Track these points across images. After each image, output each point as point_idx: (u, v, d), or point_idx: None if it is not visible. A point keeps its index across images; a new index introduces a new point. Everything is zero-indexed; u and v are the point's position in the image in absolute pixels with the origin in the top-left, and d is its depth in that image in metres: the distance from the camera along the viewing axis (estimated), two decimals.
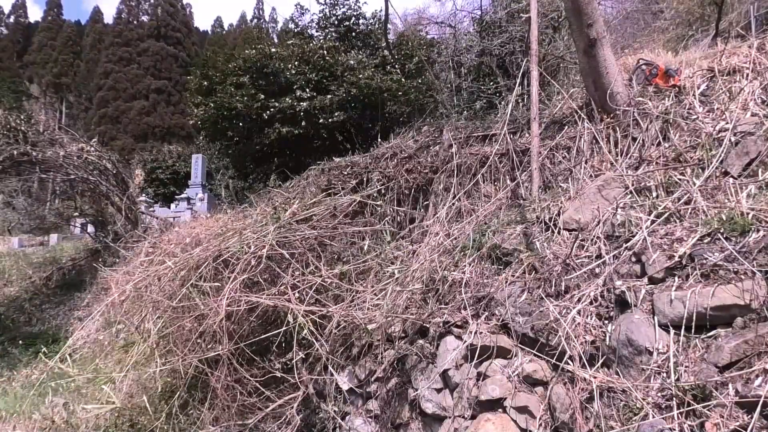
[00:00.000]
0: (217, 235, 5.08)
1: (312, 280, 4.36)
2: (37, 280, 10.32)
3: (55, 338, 8.20)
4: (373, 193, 5.92)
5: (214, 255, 4.55)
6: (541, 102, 5.96)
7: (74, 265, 10.77)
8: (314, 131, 11.04)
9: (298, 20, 14.76)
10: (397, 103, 11.46)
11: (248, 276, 4.32)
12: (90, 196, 9.84)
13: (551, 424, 2.92)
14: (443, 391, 3.67)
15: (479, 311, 3.77)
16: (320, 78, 11.28)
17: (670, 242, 3.12)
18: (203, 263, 4.53)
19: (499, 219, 4.77)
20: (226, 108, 11.36)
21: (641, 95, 4.86)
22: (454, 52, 10.73)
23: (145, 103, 48.89)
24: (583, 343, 3.02)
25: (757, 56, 4.57)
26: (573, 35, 5.32)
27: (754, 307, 2.49)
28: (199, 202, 17.41)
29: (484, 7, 11.23)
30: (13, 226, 15.99)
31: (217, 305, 4.06)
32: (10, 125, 8.51)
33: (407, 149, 6.57)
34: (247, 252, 4.40)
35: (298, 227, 4.79)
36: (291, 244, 4.65)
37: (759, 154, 3.54)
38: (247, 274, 4.26)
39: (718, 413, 2.23)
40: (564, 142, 5.16)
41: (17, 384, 6.74)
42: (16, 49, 57.13)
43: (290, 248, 4.61)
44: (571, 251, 3.61)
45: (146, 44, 52.19)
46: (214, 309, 4.07)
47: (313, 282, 4.35)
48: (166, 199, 21.45)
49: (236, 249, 4.45)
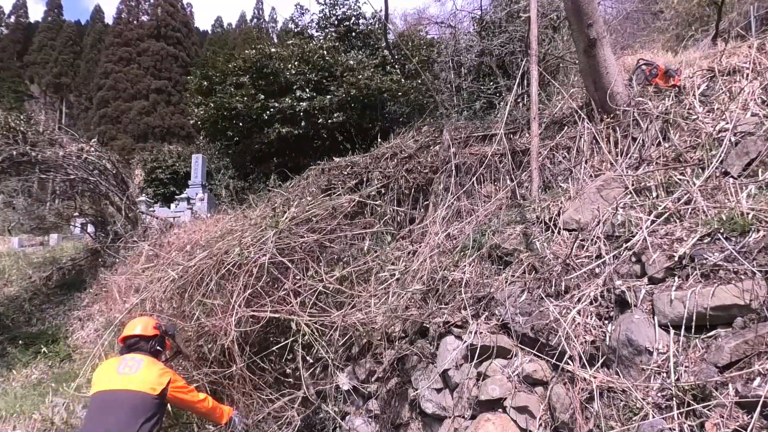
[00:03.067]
0: (219, 238, 5.02)
1: (313, 285, 4.33)
2: (37, 280, 10.32)
3: (55, 338, 8.20)
4: (373, 193, 5.88)
5: (216, 266, 4.46)
6: (541, 102, 5.96)
7: (74, 265, 10.77)
8: (314, 131, 11.03)
9: (298, 20, 14.76)
10: (397, 103, 11.45)
11: (251, 288, 4.26)
12: (90, 196, 9.84)
13: (551, 424, 2.92)
14: (443, 391, 3.67)
15: (479, 311, 3.77)
16: (320, 78, 11.28)
17: (670, 242, 3.12)
18: (206, 276, 4.45)
19: (499, 219, 4.77)
20: (226, 108, 11.35)
21: (641, 95, 4.87)
22: (454, 52, 10.72)
23: (145, 103, 48.85)
24: (583, 343, 3.02)
25: (757, 56, 4.57)
26: (573, 35, 5.32)
27: (754, 307, 2.49)
28: (199, 202, 17.38)
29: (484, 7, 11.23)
30: (13, 226, 15.97)
31: (225, 324, 4.02)
32: (9, 125, 8.51)
33: (407, 149, 6.57)
34: (248, 262, 4.33)
35: (297, 230, 4.75)
36: (291, 249, 4.62)
37: (759, 154, 3.55)
38: (250, 289, 4.20)
39: (718, 413, 2.23)
40: (564, 142, 5.16)
41: (17, 384, 6.74)
42: (16, 49, 57.12)
43: (290, 254, 4.56)
44: (571, 251, 3.61)
45: (146, 44, 52.14)
46: (223, 328, 4.03)
47: (314, 287, 4.32)
48: (166, 199, 21.42)
49: (237, 259, 4.37)
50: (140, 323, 3.39)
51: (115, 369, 3.07)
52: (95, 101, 50.02)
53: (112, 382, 3.00)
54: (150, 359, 3.19)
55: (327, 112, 10.80)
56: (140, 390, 2.95)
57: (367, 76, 10.86)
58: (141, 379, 3.00)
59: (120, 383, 2.97)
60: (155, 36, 53.23)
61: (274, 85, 11.32)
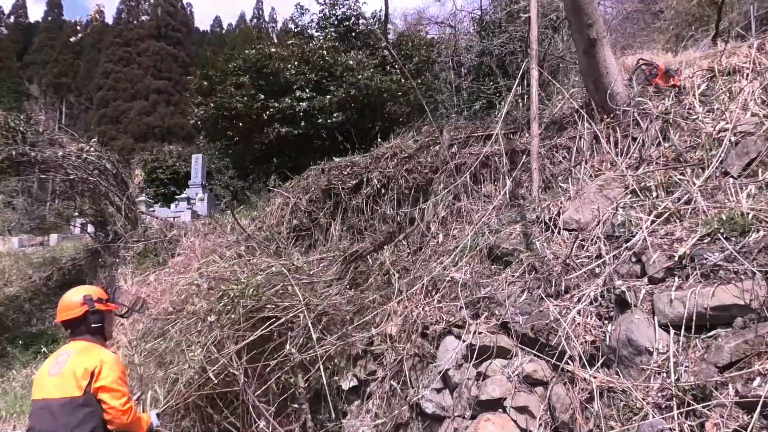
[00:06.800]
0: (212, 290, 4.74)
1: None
2: (37, 280, 10.30)
3: (55, 338, 8.19)
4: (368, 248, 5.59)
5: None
6: (541, 102, 5.96)
7: (74, 265, 10.75)
8: (314, 131, 11.03)
9: (298, 20, 14.75)
10: (396, 103, 11.46)
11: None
12: (90, 196, 9.80)
13: (551, 424, 2.92)
14: (443, 391, 3.67)
15: (479, 311, 3.77)
16: (320, 78, 11.28)
17: (670, 242, 3.12)
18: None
19: (499, 219, 4.77)
20: (226, 108, 11.36)
21: (641, 95, 4.86)
22: (454, 52, 10.73)
23: (145, 103, 48.84)
24: (583, 343, 3.02)
25: (757, 56, 4.57)
26: (573, 35, 5.32)
27: (754, 307, 2.49)
28: (199, 202, 17.38)
29: (484, 7, 11.24)
30: (13, 226, 15.99)
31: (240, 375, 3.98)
32: (9, 125, 8.50)
33: (407, 149, 6.57)
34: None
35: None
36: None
37: (759, 154, 3.55)
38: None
39: (718, 413, 2.23)
40: (564, 142, 5.16)
41: (17, 384, 6.73)
42: (16, 49, 57.10)
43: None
44: (571, 251, 3.61)
45: (146, 44, 52.14)
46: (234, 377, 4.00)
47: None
48: (167, 199, 21.44)
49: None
50: (64, 305, 2.86)
51: (47, 370, 2.65)
52: (95, 101, 50.00)
53: (43, 387, 2.60)
54: (82, 347, 2.69)
55: (327, 112, 10.80)
56: (63, 396, 2.50)
57: (367, 76, 10.86)
58: (64, 380, 2.54)
59: (48, 389, 2.56)
60: (155, 36, 53.24)
61: (274, 85, 11.32)
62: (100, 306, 2.85)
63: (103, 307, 2.88)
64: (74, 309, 2.81)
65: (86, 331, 2.79)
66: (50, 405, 2.51)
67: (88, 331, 2.79)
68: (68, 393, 2.49)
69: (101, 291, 3.02)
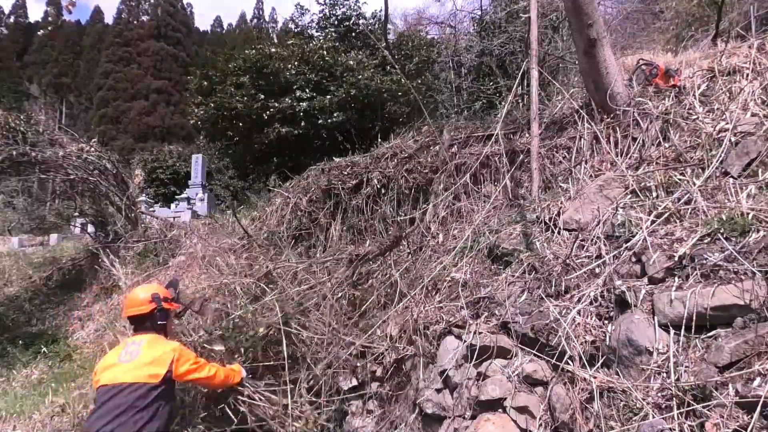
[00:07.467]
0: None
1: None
2: (37, 280, 10.30)
3: (55, 338, 8.19)
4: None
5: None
6: (541, 102, 5.96)
7: (74, 265, 10.75)
8: (314, 131, 11.05)
9: (298, 20, 14.78)
10: (396, 103, 11.46)
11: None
12: (90, 196, 9.81)
13: (551, 424, 2.92)
14: (443, 391, 3.67)
15: (479, 311, 3.77)
16: (320, 78, 11.29)
17: (670, 242, 3.12)
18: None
19: (499, 219, 4.77)
20: (226, 108, 11.37)
21: (641, 95, 4.86)
22: (454, 52, 10.74)
23: (145, 103, 48.89)
24: (583, 343, 3.02)
25: (757, 56, 4.57)
26: (573, 35, 5.32)
27: (754, 307, 2.49)
28: (199, 203, 17.40)
29: (484, 7, 11.24)
30: (13, 226, 16.00)
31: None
32: (9, 125, 8.50)
33: (407, 149, 6.57)
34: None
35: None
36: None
37: (759, 154, 3.54)
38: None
39: (718, 413, 2.23)
40: (564, 142, 5.16)
41: (17, 384, 6.73)
42: (16, 49, 57.12)
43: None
44: (571, 251, 3.61)
45: (146, 44, 52.20)
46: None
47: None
48: (167, 199, 21.47)
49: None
50: (132, 300, 3.04)
51: (117, 356, 2.83)
52: (95, 101, 50.06)
53: (113, 373, 2.76)
54: (151, 339, 2.90)
55: (327, 112, 10.82)
56: (137, 381, 2.69)
57: (367, 76, 10.88)
58: (139, 367, 2.73)
59: (119, 375, 2.74)
60: (155, 36, 53.31)
61: (274, 85, 11.34)
62: (166, 305, 3.08)
63: (168, 306, 3.11)
64: (143, 306, 3.00)
65: (151, 328, 2.99)
66: (120, 391, 2.68)
67: (153, 327, 2.99)
68: (143, 378, 2.70)
69: (167, 290, 3.25)
